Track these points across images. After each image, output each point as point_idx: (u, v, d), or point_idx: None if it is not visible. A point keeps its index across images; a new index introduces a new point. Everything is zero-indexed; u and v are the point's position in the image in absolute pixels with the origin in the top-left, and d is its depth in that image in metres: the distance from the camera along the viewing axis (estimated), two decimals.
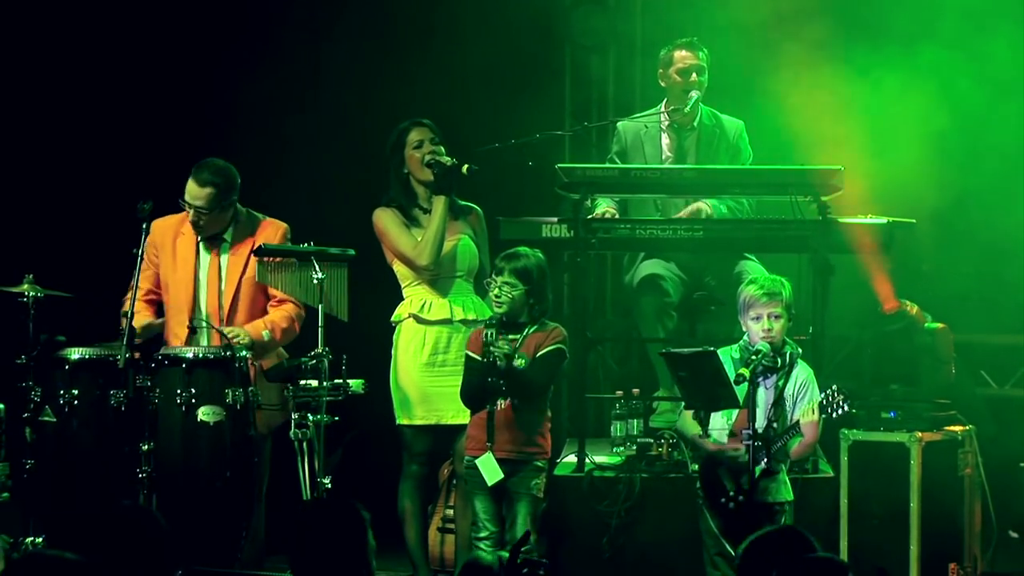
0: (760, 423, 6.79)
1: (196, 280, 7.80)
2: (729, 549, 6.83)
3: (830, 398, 6.70)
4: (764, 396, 6.87)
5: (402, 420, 7.59)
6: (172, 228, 7.83)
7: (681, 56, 8.26)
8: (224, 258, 7.82)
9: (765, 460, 6.72)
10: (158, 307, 7.86)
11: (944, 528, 7.59)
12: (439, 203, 7.58)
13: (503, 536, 7.11)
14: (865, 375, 8.42)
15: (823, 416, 6.77)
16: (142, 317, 7.69)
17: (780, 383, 6.90)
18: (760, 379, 6.86)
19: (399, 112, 8.77)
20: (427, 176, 7.67)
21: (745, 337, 7.01)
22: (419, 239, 7.60)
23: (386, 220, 7.68)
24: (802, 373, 6.98)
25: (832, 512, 7.49)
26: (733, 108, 8.48)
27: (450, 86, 9.17)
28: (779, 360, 6.92)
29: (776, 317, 6.92)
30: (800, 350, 7.04)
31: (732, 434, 6.88)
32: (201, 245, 7.82)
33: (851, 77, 8.73)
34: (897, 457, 7.53)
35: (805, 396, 6.91)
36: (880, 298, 8.42)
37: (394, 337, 7.68)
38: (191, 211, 7.70)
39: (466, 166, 7.56)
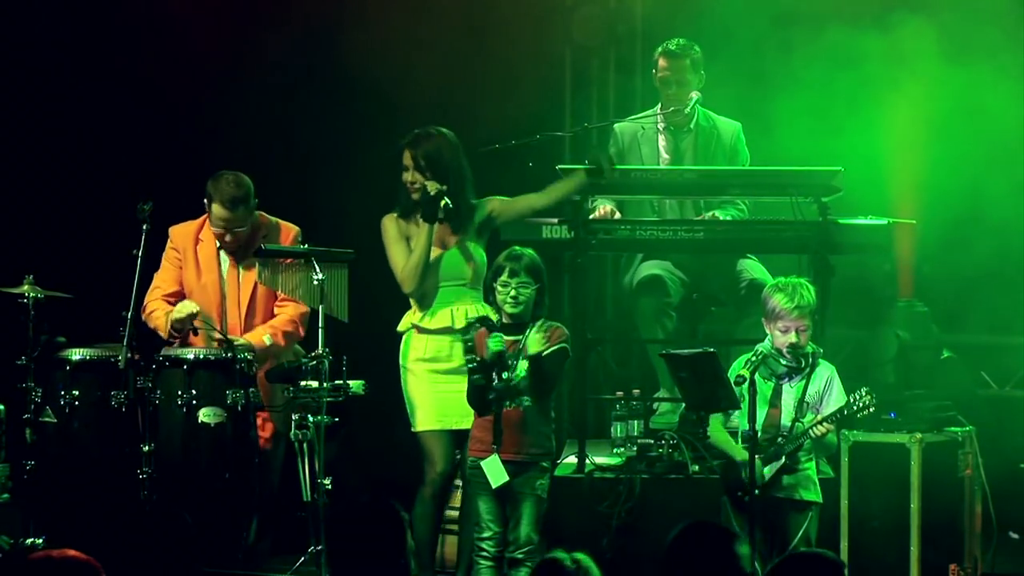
0: (786, 422, 6.91)
1: (221, 286, 7.82)
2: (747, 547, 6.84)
3: (858, 398, 6.75)
4: (789, 397, 6.92)
5: (417, 427, 7.57)
6: (191, 235, 7.85)
7: (661, 67, 8.24)
8: (241, 264, 7.83)
9: (785, 457, 6.84)
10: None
11: (944, 529, 7.59)
12: (423, 232, 7.54)
13: (506, 536, 7.11)
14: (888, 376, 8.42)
15: (850, 412, 6.83)
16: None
17: (803, 383, 6.94)
18: (784, 380, 6.94)
19: (398, 111, 8.80)
20: (415, 197, 7.61)
21: (767, 342, 6.99)
22: (408, 259, 7.55)
23: (387, 231, 7.63)
24: (825, 371, 7.04)
25: (832, 513, 7.49)
26: (732, 107, 8.47)
27: (450, 86, 9.17)
28: (802, 362, 6.95)
29: (803, 330, 6.94)
30: (822, 350, 7.07)
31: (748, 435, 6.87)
32: (220, 252, 7.83)
33: (854, 77, 8.73)
34: (897, 458, 7.53)
35: (832, 392, 6.98)
36: None
37: (401, 347, 7.66)
38: (227, 234, 7.70)
39: (444, 201, 7.47)
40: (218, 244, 7.84)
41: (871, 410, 6.81)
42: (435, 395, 7.50)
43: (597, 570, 4.78)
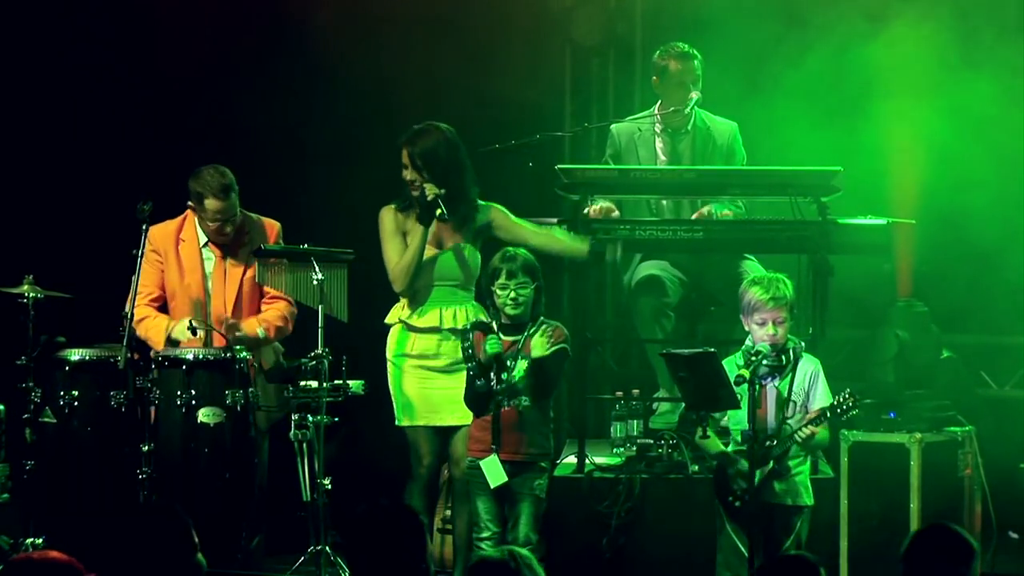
0: (772, 423, 6.87)
1: (205, 286, 7.82)
2: (742, 549, 6.83)
3: (841, 400, 6.74)
4: (773, 396, 6.91)
5: (402, 422, 7.58)
6: (172, 235, 7.84)
7: (676, 70, 8.21)
8: (226, 261, 7.84)
9: (773, 461, 6.80)
10: (162, 310, 7.87)
11: None
12: (417, 233, 7.50)
13: (505, 536, 7.12)
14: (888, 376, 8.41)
15: (833, 415, 6.82)
16: (162, 323, 7.71)
17: (787, 380, 6.93)
18: (767, 379, 6.91)
19: (397, 111, 8.79)
20: (415, 195, 7.61)
21: (748, 341, 7.00)
22: (400, 257, 7.54)
23: (383, 223, 7.62)
24: (808, 365, 7.01)
25: (832, 513, 7.49)
26: (732, 108, 8.47)
27: (450, 86, 9.17)
28: (783, 358, 6.94)
29: (780, 322, 6.93)
30: (803, 344, 7.05)
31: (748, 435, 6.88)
32: (203, 250, 7.83)
33: (853, 77, 8.72)
34: (897, 458, 7.54)
35: (817, 386, 6.96)
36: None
37: (388, 340, 7.67)
38: (226, 224, 7.70)
39: (439, 210, 7.40)
40: (204, 241, 7.83)
41: (854, 412, 6.79)
42: (421, 391, 7.50)
43: (539, 566, 4.77)
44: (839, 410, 6.76)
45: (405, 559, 4.78)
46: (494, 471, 7.06)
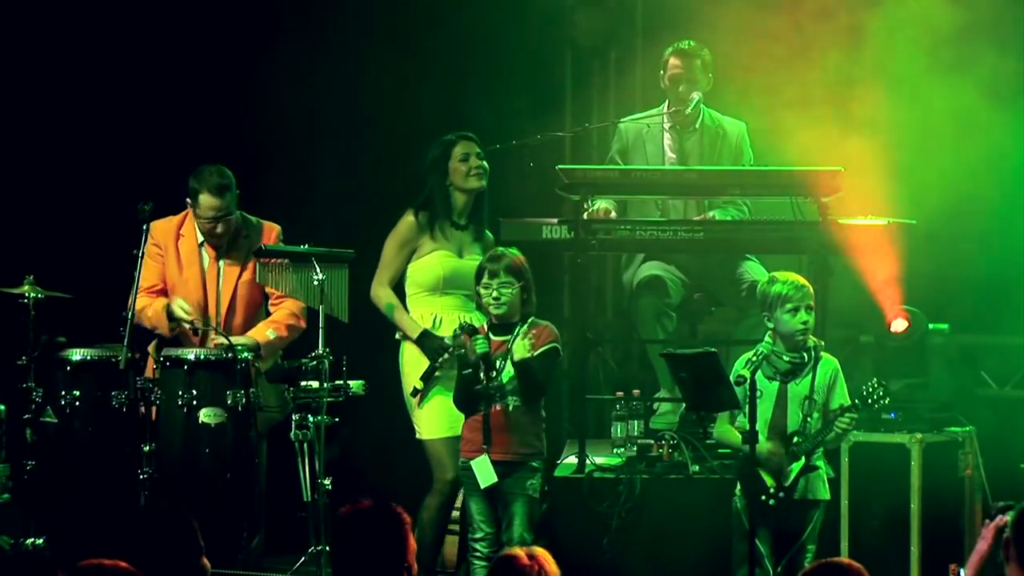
0: (795, 422, 6.93)
1: (203, 281, 7.81)
2: (760, 547, 6.84)
3: (871, 390, 6.77)
4: (794, 395, 6.93)
5: (424, 435, 7.57)
6: (172, 230, 7.84)
7: (673, 64, 8.24)
8: (221, 260, 7.83)
9: (804, 457, 6.88)
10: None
11: (944, 529, 7.60)
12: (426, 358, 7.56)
13: (499, 537, 7.11)
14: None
15: (863, 410, 6.89)
16: (160, 304, 7.70)
17: (808, 379, 6.95)
18: (789, 379, 6.97)
19: (398, 113, 8.79)
20: (471, 185, 7.63)
21: (767, 338, 7.01)
22: (388, 291, 7.61)
23: (398, 228, 7.68)
24: (829, 365, 7.06)
25: (832, 512, 7.49)
26: (733, 108, 8.47)
27: (450, 87, 9.17)
28: (805, 356, 6.97)
29: (810, 309, 6.98)
30: (823, 343, 7.09)
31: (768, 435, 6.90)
32: (201, 249, 7.83)
33: (854, 77, 8.72)
34: (897, 458, 7.54)
35: (836, 387, 7.00)
36: (885, 311, 8.32)
37: (400, 353, 7.66)
38: (218, 224, 7.69)
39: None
40: (200, 240, 7.82)
41: (887, 400, 6.85)
42: (442, 401, 7.49)
43: (554, 564, 4.78)
44: (870, 400, 6.82)
45: (386, 559, 4.76)
46: (484, 471, 7.05)
